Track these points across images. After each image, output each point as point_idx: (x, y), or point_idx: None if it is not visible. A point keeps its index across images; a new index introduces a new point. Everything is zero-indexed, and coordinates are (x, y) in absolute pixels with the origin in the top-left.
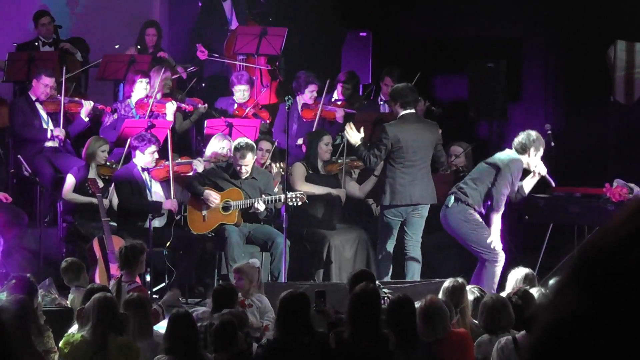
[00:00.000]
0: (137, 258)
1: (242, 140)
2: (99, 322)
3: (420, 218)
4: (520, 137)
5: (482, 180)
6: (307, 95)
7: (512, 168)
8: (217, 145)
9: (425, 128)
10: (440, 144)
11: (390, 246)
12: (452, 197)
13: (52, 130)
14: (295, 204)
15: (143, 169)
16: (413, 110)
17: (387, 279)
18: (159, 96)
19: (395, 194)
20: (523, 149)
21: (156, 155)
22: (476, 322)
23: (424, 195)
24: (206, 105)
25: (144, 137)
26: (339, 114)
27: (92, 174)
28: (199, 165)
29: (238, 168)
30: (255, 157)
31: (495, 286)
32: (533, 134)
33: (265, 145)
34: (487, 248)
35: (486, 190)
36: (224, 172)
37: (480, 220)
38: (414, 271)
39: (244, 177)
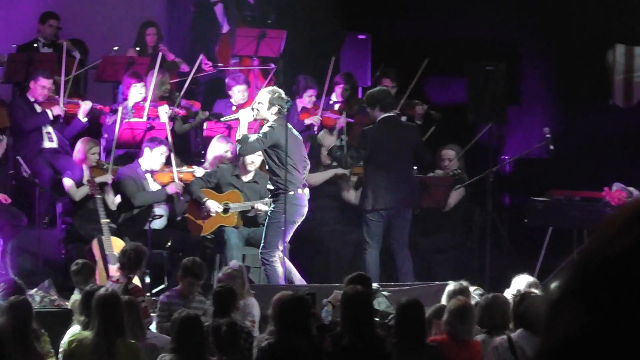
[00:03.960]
0: (140, 260)
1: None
2: (103, 320)
3: (404, 221)
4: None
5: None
6: (306, 99)
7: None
8: (220, 149)
9: (406, 131)
10: (422, 145)
11: (376, 250)
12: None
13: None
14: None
15: (147, 170)
16: (392, 114)
17: (376, 282)
18: (152, 97)
19: (377, 197)
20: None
21: (163, 159)
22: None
23: (406, 198)
24: (207, 112)
25: (158, 139)
26: (340, 121)
27: (85, 176)
28: (200, 174)
29: (249, 163)
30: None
31: None
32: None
33: None
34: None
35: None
36: (226, 174)
37: None
38: (407, 270)
39: (246, 180)
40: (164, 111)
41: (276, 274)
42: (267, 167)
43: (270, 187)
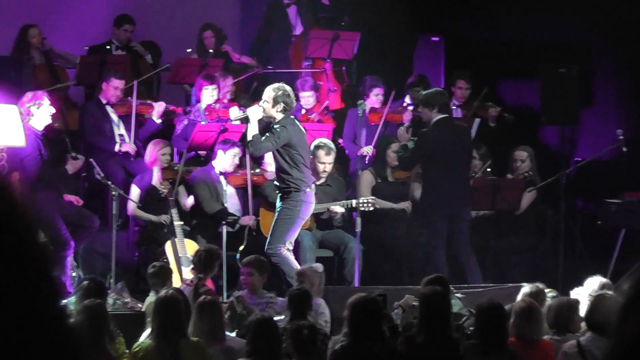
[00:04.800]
0: (213, 262)
1: (324, 139)
2: (161, 322)
3: (464, 221)
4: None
5: None
6: (373, 99)
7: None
8: None
9: (460, 132)
10: (472, 145)
11: (442, 250)
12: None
13: (120, 145)
14: (366, 209)
15: (220, 173)
16: (447, 115)
17: None
18: (225, 101)
19: (437, 198)
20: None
21: (237, 160)
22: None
23: (464, 198)
24: None
25: (231, 141)
26: (407, 116)
27: (155, 179)
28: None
29: (321, 167)
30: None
31: None
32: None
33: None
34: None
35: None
36: None
37: None
38: (474, 268)
39: (318, 183)
40: (234, 112)
41: (288, 262)
42: (275, 165)
43: (277, 184)
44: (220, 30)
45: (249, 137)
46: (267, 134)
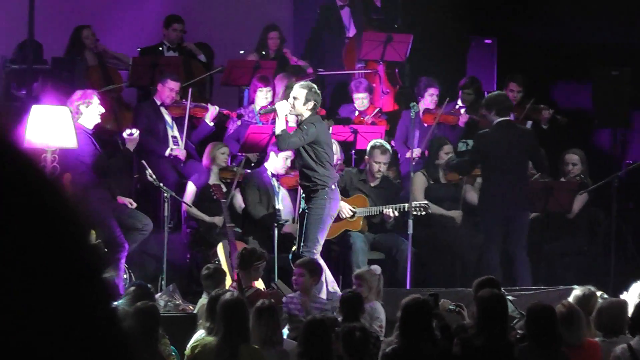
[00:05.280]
0: (252, 262)
1: (379, 140)
2: (227, 325)
3: (522, 224)
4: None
5: None
6: (428, 99)
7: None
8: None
9: (521, 135)
10: (537, 149)
11: (495, 253)
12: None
13: (171, 149)
14: (419, 214)
15: (273, 175)
16: (508, 118)
17: None
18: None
19: (493, 201)
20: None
21: (289, 163)
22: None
23: (521, 201)
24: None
25: None
26: (462, 119)
27: (213, 178)
28: None
29: (376, 167)
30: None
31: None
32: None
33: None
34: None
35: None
36: (354, 178)
37: None
38: (525, 274)
39: (373, 185)
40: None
41: None
42: (300, 162)
43: (303, 182)
44: (282, 33)
45: (277, 132)
46: (295, 130)
